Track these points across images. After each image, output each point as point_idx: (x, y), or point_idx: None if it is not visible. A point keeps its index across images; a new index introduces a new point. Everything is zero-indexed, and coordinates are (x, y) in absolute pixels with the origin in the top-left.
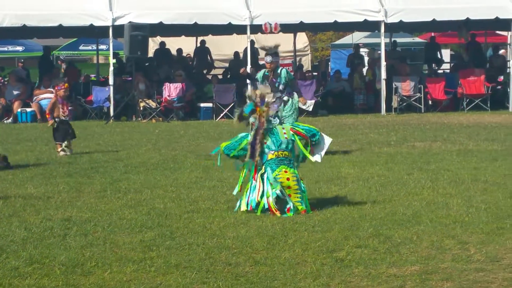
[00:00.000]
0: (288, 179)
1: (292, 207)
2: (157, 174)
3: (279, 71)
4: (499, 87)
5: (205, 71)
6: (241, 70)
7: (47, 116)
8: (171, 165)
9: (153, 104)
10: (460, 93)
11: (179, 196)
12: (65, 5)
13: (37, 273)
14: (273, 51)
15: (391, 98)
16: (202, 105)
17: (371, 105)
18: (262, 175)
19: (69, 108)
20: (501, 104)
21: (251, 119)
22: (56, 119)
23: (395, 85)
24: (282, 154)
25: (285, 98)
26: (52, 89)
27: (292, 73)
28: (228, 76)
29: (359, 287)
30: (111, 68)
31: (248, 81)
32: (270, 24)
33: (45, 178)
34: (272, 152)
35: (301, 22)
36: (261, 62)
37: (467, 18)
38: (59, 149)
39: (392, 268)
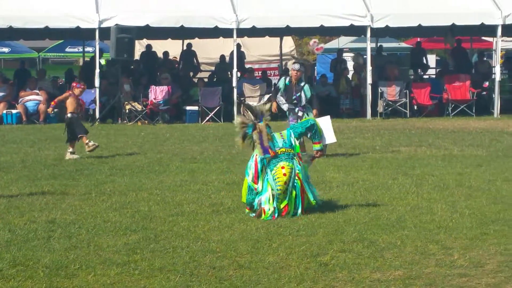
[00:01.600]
0: (284, 174)
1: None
2: (142, 177)
3: (302, 84)
4: (484, 93)
5: (191, 74)
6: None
7: (53, 103)
8: (156, 168)
9: (139, 106)
10: (446, 99)
11: (164, 199)
12: (51, 7)
13: (20, 275)
14: (301, 61)
15: (377, 103)
16: (188, 108)
17: (357, 110)
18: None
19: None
20: (486, 110)
21: (254, 136)
22: (69, 115)
23: (380, 90)
24: (279, 151)
25: (300, 113)
26: (37, 91)
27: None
28: (214, 80)
29: None
30: (97, 70)
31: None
32: (318, 45)
33: (29, 180)
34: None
35: (287, 26)
36: (249, 65)
37: (453, 24)
38: (86, 141)
39: (376, 273)
